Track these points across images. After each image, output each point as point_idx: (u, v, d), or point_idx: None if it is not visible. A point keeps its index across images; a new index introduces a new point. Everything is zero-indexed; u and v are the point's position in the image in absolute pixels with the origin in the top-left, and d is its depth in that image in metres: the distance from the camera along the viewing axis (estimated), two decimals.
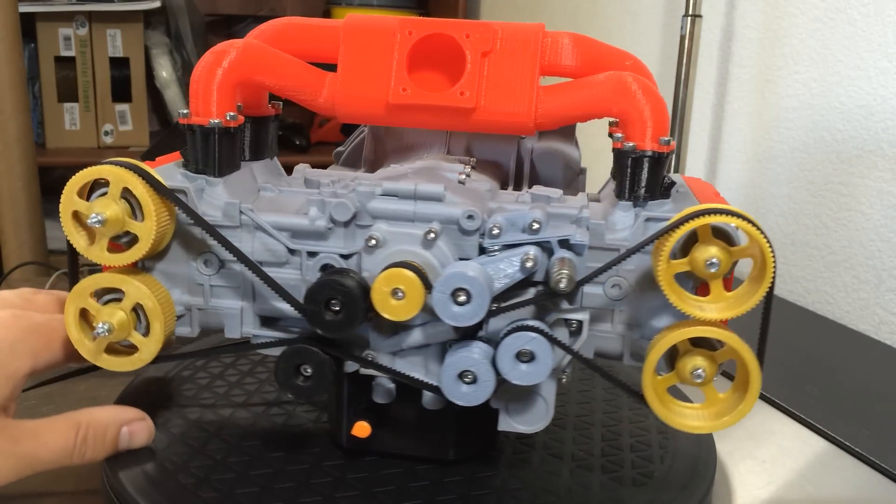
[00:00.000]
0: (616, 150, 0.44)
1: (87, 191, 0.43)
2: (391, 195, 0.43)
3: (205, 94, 0.44)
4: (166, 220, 0.43)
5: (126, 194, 0.42)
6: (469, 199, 0.44)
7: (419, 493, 0.45)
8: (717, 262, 0.39)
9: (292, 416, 0.52)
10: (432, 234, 0.42)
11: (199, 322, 0.46)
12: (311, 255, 0.44)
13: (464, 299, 0.40)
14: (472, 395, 0.42)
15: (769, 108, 0.99)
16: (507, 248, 0.42)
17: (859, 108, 0.86)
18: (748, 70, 1.02)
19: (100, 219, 0.41)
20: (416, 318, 0.41)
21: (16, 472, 0.42)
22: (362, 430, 0.46)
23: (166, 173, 0.44)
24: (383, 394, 0.46)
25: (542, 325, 0.41)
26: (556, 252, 0.42)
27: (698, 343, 0.42)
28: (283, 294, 0.43)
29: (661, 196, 0.44)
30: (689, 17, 1.00)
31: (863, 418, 0.62)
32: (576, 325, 0.43)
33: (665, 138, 0.43)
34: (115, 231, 0.42)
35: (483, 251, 0.43)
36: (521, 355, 0.41)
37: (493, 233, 0.42)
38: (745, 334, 0.41)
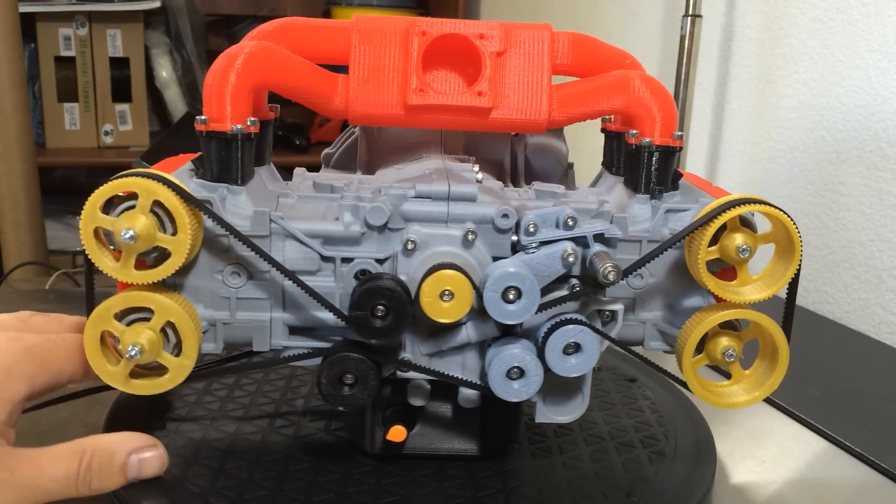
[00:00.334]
0: (633, 146, 0.47)
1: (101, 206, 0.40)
2: (424, 197, 0.43)
3: (221, 100, 0.42)
4: (198, 233, 0.41)
5: (153, 207, 0.39)
6: (497, 198, 0.44)
7: (459, 491, 0.45)
8: (747, 248, 0.42)
9: (300, 427, 0.51)
10: (472, 235, 0.42)
11: (225, 337, 0.44)
12: (345, 261, 0.43)
13: (514, 297, 0.40)
14: (522, 390, 0.43)
15: (769, 108, 0.99)
16: (543, 244, 0.43)
17: (859, 108, 0.86)
18: (748, 70, 1.02)
19: (132, 234, 0.38)
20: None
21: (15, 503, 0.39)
22: (398, 434, 0.46)
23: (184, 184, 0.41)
24: (420, 395, 0.46)
25: (584, 318, 0.43)
26: (592, 246, 0.43)
27: (722, 325, 0.45)
28: (325, 303, 0.42)
29: (671, 188, 0.46)
30: (689, 17, 1.00)
31: (863, 418, 0.61)
32: (609, 316, 0.45)
33: (678, 133, 0.46)
34: (145, 247, 0.39)
35: (514, 249, 0.43)
36: (567, 348, 0.42)
37: (530, 230, 0.42)
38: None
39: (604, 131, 0.53)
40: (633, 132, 0.47)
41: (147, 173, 0.39)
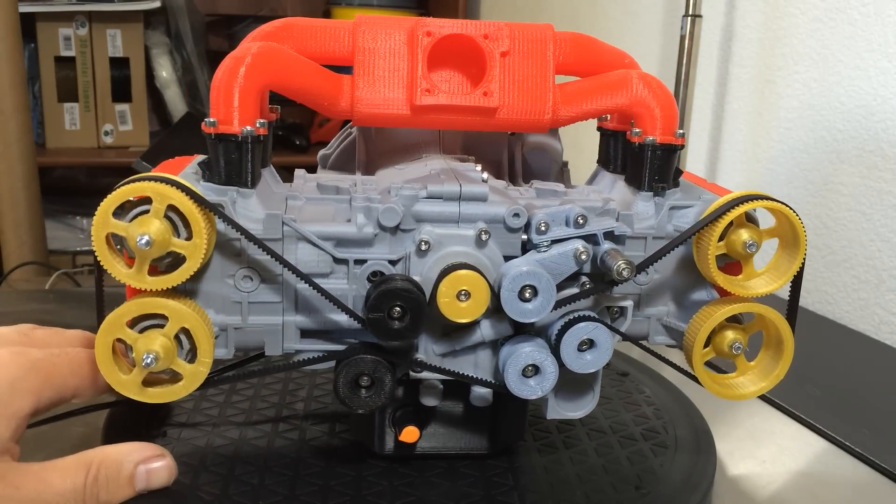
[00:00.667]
0: (635, 144, 0.47)
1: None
2: (436, 197, 0.43)
3: (229, 102, 0.42)
4: (212, 237, 0.40)
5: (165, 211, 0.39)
6: (505, 197, 0.45)
7: (472, 490, 0.45)
8: (754, 242, 0.43)
9: (305, 430, 0.50)
10: (485, 235, 0.42)
11: (236, 342, 0.43)
12: (358, 262, 0.43)
13: (530, 295, 0.41)
14: (538, 387, 0.43)
15: (769, 108, 0.99)
16: (554, 243, 0.43)
17: (859, 108, 0.86)
18: (748, 70, 1.02)
19: (147, 240, 0.38)
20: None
21: None
22: (411, 434, 0.46)
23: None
24: (433, 395, 0.46)
25: (596, 315, 0.43)
26: (602, 244, 0.43)
27: (727, 319, 0.46)
28: (341, 306, 0.42)
29: (673, 186, 0.47)
30: (689, 17, 1.00)
31: (863, 418, 0.62)
32: (618, 312, 0.45)
33: (680, 131, 0.47)
34: (160, 252, 0.39)
35: (524, 248, 0.44)
36: (581, 345, 0.43)
37: (541, 229, 0.43)
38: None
39: (600, 129, 0.54)
40: (637, 131, 0.47)
41: (160, 177, 0.39)
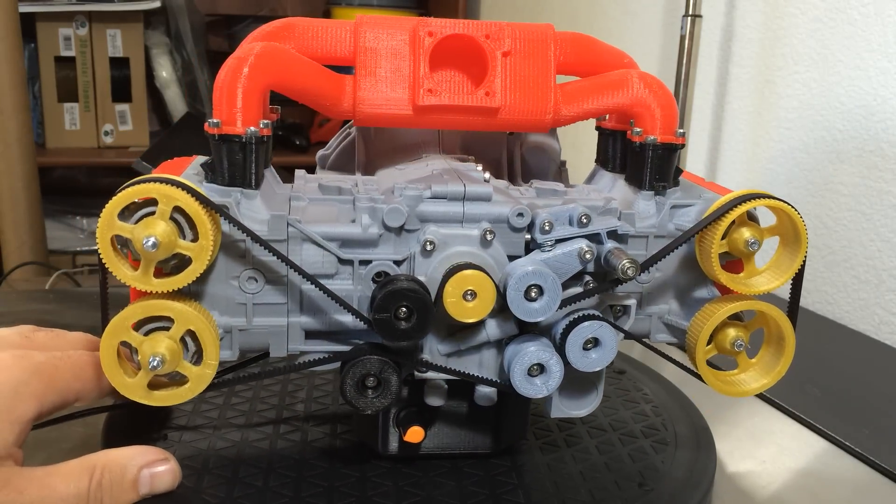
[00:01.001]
0: (636, 144, 0.47)
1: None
2: (440, 197, 0.43)
3: (232, 102, 0.41)
4: (217, 239, 0.40)
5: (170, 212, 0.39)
6: (508, 197, 0.45)
7: (477, 489, 0.45)
8: (756, 241, 0.44)
9: (307, 432, 0.50)
10: (490, 235, 0.42)
11: (241, 344, 0.43)
12: (363, 263, 0.43)
13: (536, 295, 0.41)
14: (544, 386, 0.43)
15: (769, 108, 0.99)
16: (558, 242, 0.43)
17: (859, 108, 0.86)
18: (748, 70, 1.02)
19: (154, 242, 0.37)
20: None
21: None
22: (416, 435, 0.46)
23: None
24: (438, 395, 0.46)
25: (600, 313, 0.43)
26: (606, 243, 0.44)
27: (729, 317, 0.46)
28: (348, 307, 0.41)
29: (673, 185, 0.47)
30: (689, 17, 1.00)
31: (863, 418, 0.62)
32: (621, 310, 0.45)
33: (680, 130, 0.47)
34: (166, 254, 0.38)
35: (527, 248, 0.44)
36: (586, 343, 0.43)
37: (545, 228, 0.43)
38: None
39: (598, 129, 0.54)
40: (637, 130, 0.47)
41: (166, 178, 0.38)
